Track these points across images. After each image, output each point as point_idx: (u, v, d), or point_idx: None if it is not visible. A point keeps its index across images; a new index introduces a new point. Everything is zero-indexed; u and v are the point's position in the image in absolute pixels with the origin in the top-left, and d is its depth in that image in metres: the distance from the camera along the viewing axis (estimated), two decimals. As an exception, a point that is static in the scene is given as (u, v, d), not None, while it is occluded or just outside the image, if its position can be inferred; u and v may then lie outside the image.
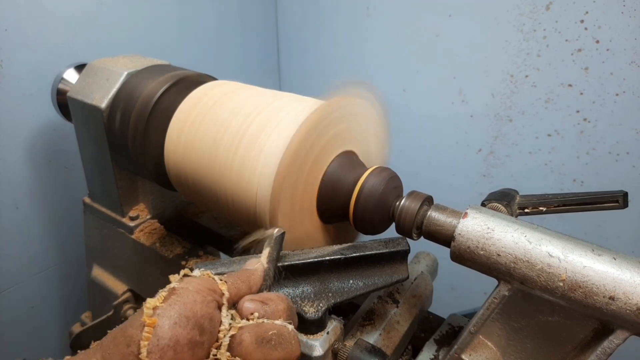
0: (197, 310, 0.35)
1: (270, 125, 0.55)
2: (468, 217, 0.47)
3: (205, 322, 0.35)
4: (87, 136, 0.78)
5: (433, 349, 0.57)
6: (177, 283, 0.37)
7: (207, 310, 0.36)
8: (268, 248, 0.47)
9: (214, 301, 0.37)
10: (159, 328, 0.33)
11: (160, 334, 0.33)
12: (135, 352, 0.32)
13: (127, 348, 0.32)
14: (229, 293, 0.39)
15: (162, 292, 0.36)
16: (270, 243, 0.47)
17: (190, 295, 0.36)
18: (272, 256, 0.46)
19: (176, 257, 0.76)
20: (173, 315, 0.34)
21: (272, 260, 0.46)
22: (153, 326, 0.33)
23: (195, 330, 0.34)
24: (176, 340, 0.33)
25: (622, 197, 0.52)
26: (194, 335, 0.34)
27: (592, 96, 1.04)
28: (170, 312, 0.34)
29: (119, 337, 0.34)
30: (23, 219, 0.98)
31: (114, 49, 1.02)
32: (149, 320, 0.33)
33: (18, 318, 1.03)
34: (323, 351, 0.49)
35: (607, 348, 0.42)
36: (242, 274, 0.43)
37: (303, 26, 1.46)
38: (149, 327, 0.33)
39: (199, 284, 0.37)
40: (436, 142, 1.33)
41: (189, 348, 0.33)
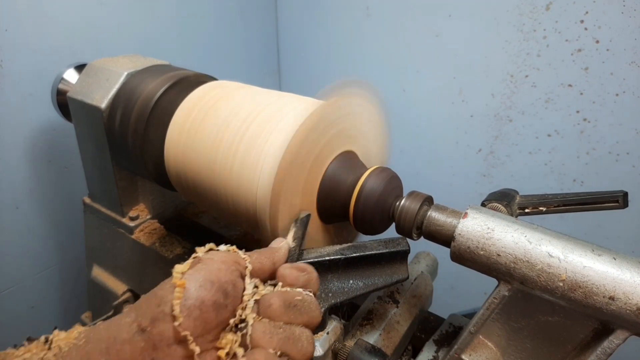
0: (222, 276, 0.38)
1: (270, 125, 0.55)
2: (468, 217, 0.47)
3: (229, 287, 0.38)
4: (87, 136, 0.78)
5: (433, 349, 0.57)
6: (202, 253, 0.40)
7: (231, 278, 0.38)
8: (294, 228, 0.50)
9: (237, 271, 0.40)
10: (186, 290, 0.35)
11: (187, 295, 0.35)
12: (165, 310, 0.35)
13: (158, 307, 0.35)
14: (252, 266, 0.41)
15: (189, 260, 0.38)
16: (297, 224, 0.50)
17: (215, 264, 0.38)
18: (297, 234, 0.49)
19: (176, 257, 0.76)
20: (199, 279, 0.36)
21: (297, 238, 0.49)
22: (183, 287, 0.35)
23: (219, 293, 0.36)
24: (202, 301, 0.35)
25: (622, 197, 0.52)
26: (218, 297, 0.36)
27: (592, 96, 1.04)
28: (196, 275, 0.37)
29: (150, 298, 0.37)
30: (23, 219, 0.98)
31: (114, 49, 1.02)
32: (179, 282, 0.36)
33: (18, 318, 1.03)
34: (323, 351, 0.49)
35: (607, 348, 0.42)
36: (267, 250, 0.45)
37: (303, 26, 1.46)
38: (179, 287, 0.35)
39: (223, 256, 0.40)
40: (436, 142, 1.33)
41: (213, 309, 0.36)
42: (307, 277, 0.42)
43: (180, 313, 0.34)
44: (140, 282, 0.85)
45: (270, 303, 0.38)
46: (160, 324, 0.35)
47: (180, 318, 0.34)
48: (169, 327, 0.34)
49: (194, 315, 0.35)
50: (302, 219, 0.52)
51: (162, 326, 0.35)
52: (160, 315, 0.35)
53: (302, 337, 0.38)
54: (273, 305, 0.38)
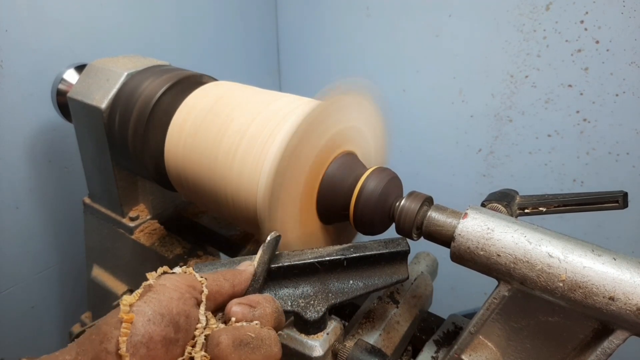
0: (173, 307, 0.35)
1: (271, 125, 0.55)
2: (468, 217, 0.47)
3: (181, 319, 0.35)
4: (87, 136, 0.78)
5: (433, 349, 0.57)
6: (154, 280, 0.37)
7: (184, 308, 0.36)
8: (260, 251, 0.47)
9: (192, 298, 0.37)
10: (133, 325, 0.33)
11: (134, 331, 0.33)
12: (108, 348, 0.32)
13: (101, 345, 0.32)
14: (209, 290, 0.39)
15: (139, 290, 0.36)
16: (264, 246, 0.47)
17: (167, 292, 0.36)
18: (262, 259, 0.47)
19: (176, 257, 0.76)
20: (147, 312, 0.34)
21: (262, 264, 0.46)
22: (131, 322, 0.33)
23: (169, 327, 0.34)
24: (149, 337, 0.33)
25: (622, 197, 0.52)
26: (168, 332, 0.34)
27: (592, 96, 1.04)
28: (144, 308, 0.34)
29: (93, 335, 0.33)
30: (23, 219, 0.98)
31: (114, 49, 1.02)
32: (127, 317, 0.33)
33: (18, 318, 1.03)
34: (323, 351, 0.49)
35: (607, 348, 0.42)
36: (227, 273, 0.43)
37: (303, 26, 1.46)
38: (126, 323, 0.33)
39: (177, 281, 0.37)
40: (436, 142, 1.33)
41: (162, 345, 0.33)
42: (259, 313, 0.39)
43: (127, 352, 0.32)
44: (140, 282, 0.85)
45: (219, 342, 0.35)
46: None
47: (127, 357, 0.32)
48: None
49: (140, 354, 0.32)
50: (270, 241, 0.48)
51: None
52: (102, 355, 0.32)
53: None
54: (221, 344, 0.35)
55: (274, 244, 0.48)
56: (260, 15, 1.44)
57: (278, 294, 0.50)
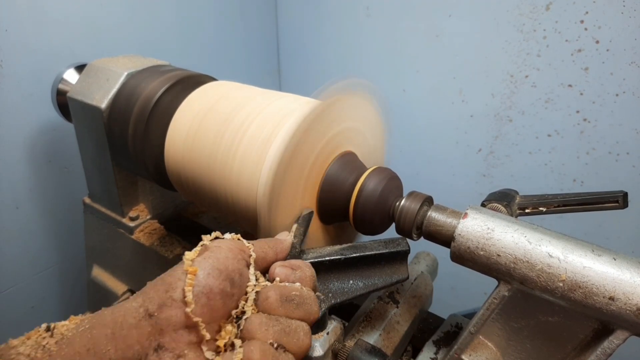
0: (229, 265, 0.38)
1: (271, 125, 0.55)
2: (468, 217, 0.47)
3: (236, 276, 0.38)
4: (87, 136, 0.78)
5: (433, 349, 0.57)
6: (209, 242, 0.41)
7: (238, 266, 0.39)
8: (296, 225, 0.51)
9: (243, 260, 0.40)
10: (195, 277, 0.36)
11: (195, 282, 0.36)
12: (174, 296, 0.35)
13: (166, 293, 0.36)
14: (256, 255, 0.42)
15: (197, 248, 0.39)
16: (299, 221, 0.52)
17: (223, 252, 0.39)
18: (299, 231, 0.50)
19: (176, 257, 0.76)
20: (207, 267, 0.37)
21: (299, 235, 0.50)
22: (194, 274, 0.36)
23: (226, 282, 0.37)
24: (210, 289, 0.36)
25: (622, 197, 0.52)
26: (225, 286, 0.37)
27: (592, 96, 1.04)
28: (204, 264, 0.37)
29: (158, 284, 0.37)
30: (23, 219, 0.98)
31: (114, 49, 1.02)
32: (191, 269, 0.36)
33: (18, 318, 1.03)
34: (323, 351, 0.49)
35: (607, 348, 0.42)
36: (271, 241, 0.46)
37: (303, 26, 1.46)
38: (191, 274, 0.36)
39: (230, 243, 0.41)
40: (436, 142, 1.33)
41: (220, 297, 0.37)
42: (299, 275, 0.43)
43: (192, 299, 0.35)
44: (140, 282, 0.85)
45: (268, 296, 0.39)
46: (168, 309, 0.35)
47: (192, 304, 0.35)
48: (177, 313, 0.35)
49: (201, 302, 0.35)
50: (305, 215, 0.52)
51: (170, 312, 0.35)
52: (168, 302, 0.35)
53: (298, 331, 0.39)
54: (270, 299, 0.39)
55: (307, 219, 0.52)
56: (260, 15, 1.44)
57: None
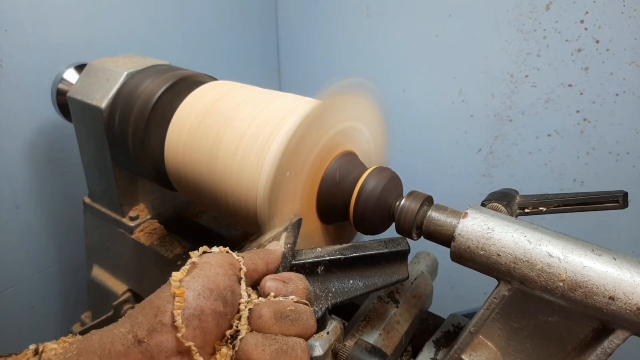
0: (220, 282, 0.37)
1: (270, 125, 0.55)
2: (468, 217, 0.47)
3: (228, 294, 0.37)
4: (87, 136, 0.78)
5: (433, 349, 0.57)
6: (197, 258, 0.39)
7: (229, 283, 0.37)
8: (285, 232, 0.49)
9: (234, 275, 0.39)
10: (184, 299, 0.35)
11: (186, 305, 0.34)
12: (163, 320, 0.34)
13: (155, 318, 0.34)
14: (247, 268, 0.40)
15: (185, 267, 0.37)
16: (288, 228, 0.50)
17: (213, 269, 0.37)
18: (289, 239, 0.49)
19: (176, 257, 0.76)
20: (197, 287, 0.35)
21: (289, 244, 0.48)
22: (183, 296, 0.35)
23: (218, 301, 0.36)
24: (201, 310, 0.35)
25: (622, 197, 0.52)
26: (217, 306, 0.36)
27: (592, 96, 1.04)
28: (193, 284, 0.36)
29: (147, 308, 0.35)
30: (23, 219, 0.98)
31: (114, 49, 1.02)
32: (179, 291, 0.35)
33: (18, 318, 1.03)
34: (323, 351, 0.49)
35: (607, 348, 0.42)
36: (261, 252, 0.45)
37: (303, 26, 1.46)
38: (179, 297, 0.34)
39: (219, 259, 0.39)
40: (436, 142, 1.33)
41: (213, 318, 0.35)
42: (291, 288, 0.41)
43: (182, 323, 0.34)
44: (140, 282, 0.85)
45: (261, 314, 0.37)
46: (158, 335, 0.34)
47: (183, 329, 0.33)
48: (168, 339, 0.34)
49: (193, 325, 0.34)
50: (294, 223, 0.50)
51: (161, 337, 0.34)
52: (157, 326, 0.34)
53: (295, 348, 0.37)
54: (264, 317, 0.37)
55: (297, 226, 0.50)
56: (260, 15, 1.44)
57: (278, 293, 0.50)
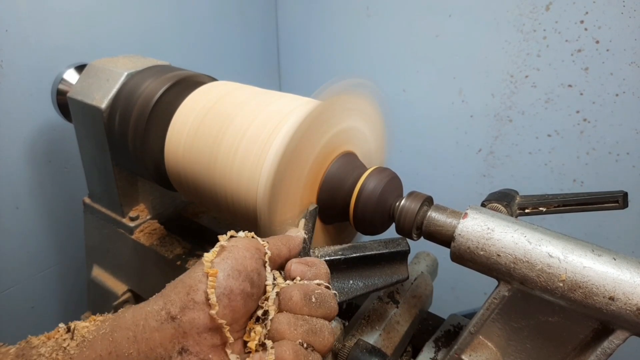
0: (247, 264, 0.38)
1: (270, 125, 0.55)
2: (468, 217, 0.47)
3: (255, 276, 0.38)
4: (87, 136, 0.78)
5: (433, 349, 0.57)
6: (226, 242, 0.40)
7: (255, 266, 0.39)
8: (303, 220, 0.51)
9: (260, 259, 0.40)
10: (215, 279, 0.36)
11: (216, 284, 0.36)
12: (195, 298, 0.36)
13: (188, 296, 0.36)
14: (271, 252, 0.42)
15: (215, 249, 0.39)
16: (306, 216, 0.52)
17: (240, 252, 0.39)
18: (308, 227, 0.51)
19: (176, 257, 0.76)
20: (226, 268, 0.37)
21: (308, 231, 0.50)
22: (216, 276, 0.36)
23: (246, 282, 0.37)
24: (230, 290, 0.36)
25: (622, 197, 0.52)
26: (245, 286, 0.37)
27: (592, 96, 1.04)
28: (223, 265, 0.37)
29: (179, 287, 0.37)
30: (23, 219, 0.98)
31: (114, 49, 1.02)
32: (212, 271, 0.36)
33: (18, 318, 1.03)
34: (323, 351, 0.49)
35: (607, 348, 0.42)
36: (284, 237, 0.46)
37: (303, 26, 1.46)
38: (212, 276, 0.36)
39: (246, 243, 0.41)
40: (436, 142, 1.33)
41: (241, 298, 0.37)
42: (315, 272, 0.43)
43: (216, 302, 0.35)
44: (140, 282, 0.85)
45: (291, 296, 0.39)
46: (190, 312, 0.35)
47: (216, 307, 0.35)
48: (200, 316, 0.35)
49: (223, 304, 0.36)
50: (311, 211, 0.53)
51: (193, 314, 0.35)
52: (190, 304, 0.35)
53: (323, 330, 0.39)
54: (294, 298, 0.39)
55: (314, 214, 0.53)
56: (260, 15, 1.44)
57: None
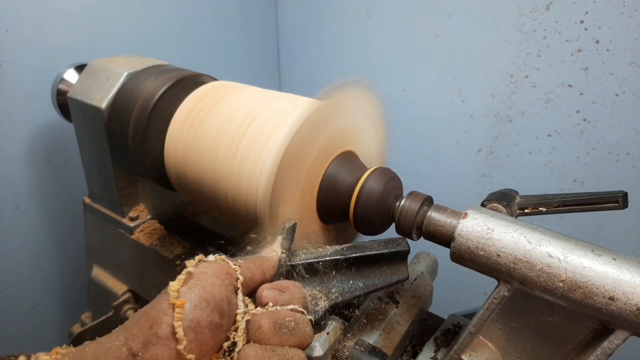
0: (216, 293, 0.36)
1: (271, 125, 0.55)
2: (468, 217, 0.47)
3: (224, 305, 0.36)
4: (87, 136, 0.78)
5: (433, 349, 0.57)
6: (193, 268, 0.38)
7: (226, 294, 0.37)
8: (280, 237, 0.48)
9: (231, 285, 0.38)
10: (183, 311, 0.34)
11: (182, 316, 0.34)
12: (159, 333, 0.33)
13: (151, 330, 0.33)
14: (243, 277, 0.40)
15: (181, 276, 0.36)
16: (283, 233, 0.49)
17: (209, 279, 0.37)
18: (285, 245, 0.48)
19: (176, 257, 0.76)
20: (193, 298, 0.35)
21: (285, 249, 0.48)
22: (183, 306, 0.34)
23: (215, 312, 0.35)
24: (197, 322, 0.34)
25: (622, 197, 0.52)
26: (213, 317, 0.35)
27: (592, 96, 1.04)
28: (190, 294, 0.35)
29: (141, 320, 0.34)
30: (23, 219, 0.98)
31: (114, 49, 1.02)
32: (178, 302, 0.34)
33: (18, 318, 1.03)
34: (323, 351, 0.49)
35: (607, 348, 0.42)
36: (257, 259, 0.44)
37: (303, 26, 1.46)
38: (179, 307, 0.34)
39: (216, 268, 0.38)
40: (436, 142, 1.33)
41: (209, 330, 0.35)
42: (289, 297, 0.40)
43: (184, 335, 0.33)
44: (140, 282, 0.85)
45: (260, 325, 0.36)
46: (153, 347, 0.33)
47: (184, 341, 0.33)
48: (164, 352, 0.33)
49: (189, 338, 0.33)
50: (289, 228, 0.49)
51: (156, 350, 0.33)
52: (153, 339, 0.33)
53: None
54: (263, 327, 0.36)
55: (291, 231, 0.49)
56: (260, 15, 1.44)
57: (278, 293, 0.50)
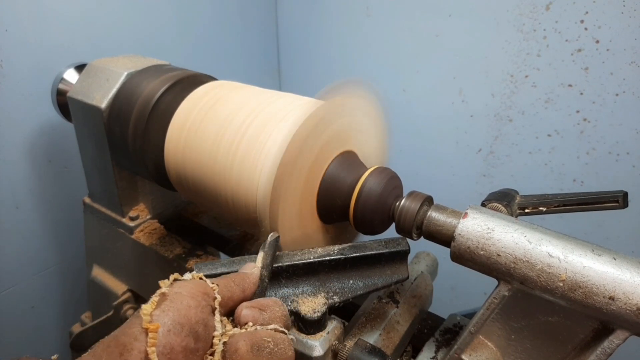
0: (191, 316, 0.34)
1: (270, 125, 0.55)
2: (468, 217, 0.47)
3: (200, 328, 0.34)
4: (87, 136, 0.78)
5: (433, 349, 0.57)
6: (167, 288, 0.36)
7: (202, 316, 0.35)
8: (262, 252, 0.47)
9: (208, 306, 0.36)
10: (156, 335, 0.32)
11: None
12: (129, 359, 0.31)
13: (121, 357, 0.31)
14: (222, 296, 0.38)
15: (154, 298, 0.34)
16: (265, 247, 0.47)
17: (184, 300, 0.35)
18: (265, 261, 0.46)
19: (176, 257, 0.76)
20: (167, 322, 0.33)
21: (266, 265, 0.46)
22: (157, 331, 0.32)
23: (189, 337, 0.33)
24: (171, 348, 0.32)
25: (622, 197, 0.52)
26: (188, 342, 0.33)
27: (592, 96, 1.04)
28: (163, 318, 0.33)
29: (112, 346, 0.32)
30: (23, 219, 0.98)
31: (114, 49, 1.02)
32: (152, 327, 0.32)
33: (18, 318, 1.03)
34: (323, 351, 0.49)
35: (607, 348, 0.42)
36: (236, 277, 0.42)
37: (303, 26, 1.46)
38: (152, 332, 0.32)
39: (192, 288, 0.36)
40: (436, 142, 1.33)
41: (183, 356, 0.33)
42: (269, 315, 0.38)
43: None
44: (140, 282, 0.85)
45: (237, 348, 0.34)
46: None
47: None
48: None
49: None
50: (270, 242, 0.48)
51: None
52: None
53: None
54: (240, 350, 0.34)
55: (274, 245, 0.48)
56: (260, 15, 1.44)
57: (278, 293, 0.50)
